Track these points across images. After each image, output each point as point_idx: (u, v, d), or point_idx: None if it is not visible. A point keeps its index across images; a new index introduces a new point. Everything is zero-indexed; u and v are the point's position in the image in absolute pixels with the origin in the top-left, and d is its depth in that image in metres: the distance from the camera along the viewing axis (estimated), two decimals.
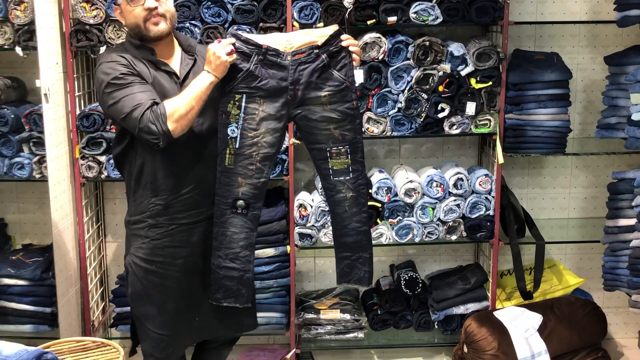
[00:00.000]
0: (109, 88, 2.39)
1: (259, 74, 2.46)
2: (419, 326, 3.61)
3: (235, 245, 2.57)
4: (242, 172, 2.52)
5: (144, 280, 2.57)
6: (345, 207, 2.61)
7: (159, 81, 2.48)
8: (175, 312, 2.61)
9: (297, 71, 2.47)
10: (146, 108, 2.33)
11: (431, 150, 3.79)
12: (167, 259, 2.56)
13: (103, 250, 3.79)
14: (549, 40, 3.67)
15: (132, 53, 2.48)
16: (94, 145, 3.38)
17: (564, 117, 3.43)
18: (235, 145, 2.50)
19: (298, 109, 2.51)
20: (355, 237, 2.65)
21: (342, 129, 2.53)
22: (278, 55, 2.46)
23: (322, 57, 2.47)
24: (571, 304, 3.44)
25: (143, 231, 2.56)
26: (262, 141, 2.50)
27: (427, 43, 3.27)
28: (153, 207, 2.53)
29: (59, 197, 3.30)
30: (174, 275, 2.58)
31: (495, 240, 3.50)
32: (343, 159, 2.56)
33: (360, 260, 2.68)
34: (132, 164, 2.54)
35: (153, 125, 2.32)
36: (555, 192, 3.86)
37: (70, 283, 3.43)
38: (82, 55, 3.46)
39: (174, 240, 2.56)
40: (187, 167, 2.53)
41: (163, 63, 2.51)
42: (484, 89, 3.35)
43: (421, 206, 3.44)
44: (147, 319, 2.61)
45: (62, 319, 3.30)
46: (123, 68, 2.41)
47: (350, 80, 2.51)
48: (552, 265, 3.77)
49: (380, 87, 3.33)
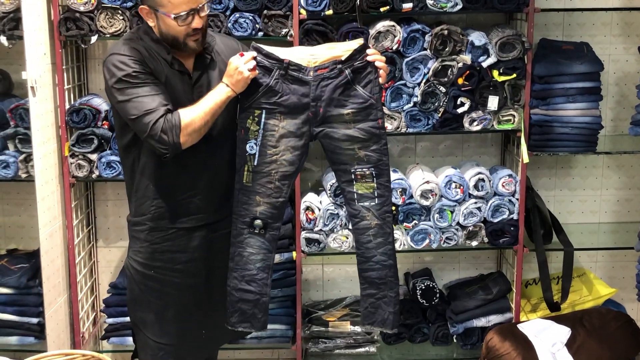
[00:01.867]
0: (120, 84, 2.42)
1: (280, 90, 2.51)
2: (436, 340, 3.61)
3: (252, 267, 2.63)
4: (261, 190, 2.58)
5: (142, 286, 2.62)
6: (370, 236, 2.64)
7: (171, 81, 2.51)
8: (176, 320, 2.64)
9: (320, 87, 2.52)
10: (160, 116, 2.38)
11: (450, 148, 3.79)
12: (167, 264, 2.61)
13: (94, 256, 3.79)
14: (578, 29, 3.66)
15: (147, 46, 2.50)
16: (85, 143, 3.38)
17: (594, 113, 3.42)
18: (254, 163, 2.56)
19: (320, 127, 2.56)
20: (380, 272, 2.67)
21: (367, 149, 2.57)
22: (300, 70, 2.51)
23: (346, 72, 2.51)
24: (602, 316, 3.43)
25: (143, 234, 2.60)
26: (282, 159, 2.56)
27: (446, 32, 3.26)
28: (155, 210, 2.57)
29: (47, 198, 3.31)
30: (174, 282, 2.62)
31: (520, 247, 3.49)
32: (368, 183, 2.59)
33: (385, 299, 2.69)
34: (135, 162, 2.57)
35: (165, 135, 2.37)
36: (585, 194, 3.86)
37: (59, 291, 3.43)
38: (72, 45, 3.46)
39: (173, 245, 2.60)
40: (194, 172, 2.57)
41: (178, 62, 2.53)
42: (508, 82, 3.34)
43: (439, 209, 3.44)
44: (145, 326, 2.65)
45: (50, 331, 3.30)
46: (137, 65, 2.44)
47: (375, 97, 2.54)
48: (581, 274, 3.76)
49: (395, 80, 3.32)
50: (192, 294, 2.66)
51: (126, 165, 2.64)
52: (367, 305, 2.72)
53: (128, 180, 2.65)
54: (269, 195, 2.58)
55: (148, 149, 2.50)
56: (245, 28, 3.27)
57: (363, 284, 2.71)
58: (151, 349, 2.65)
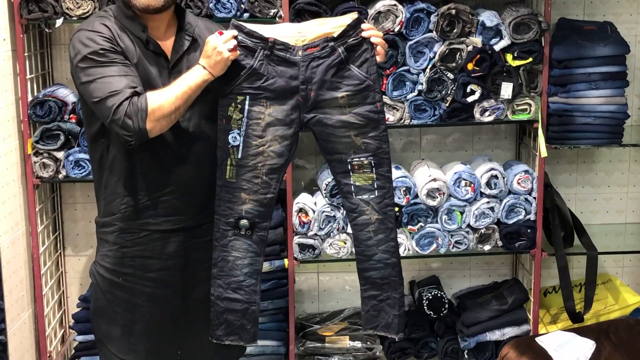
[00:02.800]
0: (85, 62, 2.37)
1: (265, 72, 2.47)
2: (445, 355, 3.60)
3: (238, 273, 2.59)
4: (246, 186, 2.54)
5: (108, 295, 2.58)
6: (370, 232, 2.61)
7: (144, 63, 2.47)
8: (146, 336, 2.60)
9: (310, 68, 2.47)
10: (124, 98, 2.33)
11: (459, 141, 3.80)
12: (137, 271, 2.57)
13: (62, 265, 3.78)
14: (601, 6, 3.68)
15: (119, 24, 2.48)
16: (50, 139, 3.34)
17: (620, 101, 3.42)
18: (238, 156, 2.52)
19: (311, 113, 2.51)
20: (382, 272, 2.64)
21: (364, 136, 2.53)
22: (287, 50, 2.47)
23: (339, 50, 2.46)
24: (630, 327, 3.40)
25: (112, 236, 2.56)
26: (269, 150, 2.52)
27: (454, 12, 3.24)
28: (125, 209, 2.53)
29: (8, 201, 3.27)
30: (145, 291, 2.58)
31: (538, 251, 3.48)
32: (367, 173, 2.56)
33: (388, 302, 2.67)
34: (104, 155, 2.53)
35: (129, 120, 2.32)
36: (610, 191, 3.86)
37: (22, 306, 3.40)
38: (35, 29, 3.43)
39: (145, 250, 2.56)
40: (168, 166, 2.53)
41: (154, 43, 2.49)
42: (523, 67, 3.33)
43: (447, 210, 3.42)
44: (109, 341, 2.62)
45: (13, 350, 3.26)
46: (105, 42, 2.39)
47: (372, 78, 2.50)
48: (606, 280, 3.77)
49: (397, 66, 3.31)
50: (165, 307, 2.61)
51: (94, 159, 2.59)
52: (369, 309, 2.69)
53: (96, 176, 2.60)
54: (256, 192, 2.54)
55: (117, 140, 2.45)
56: (229, 8, 3.23)
57: (364, 285, 2.68)
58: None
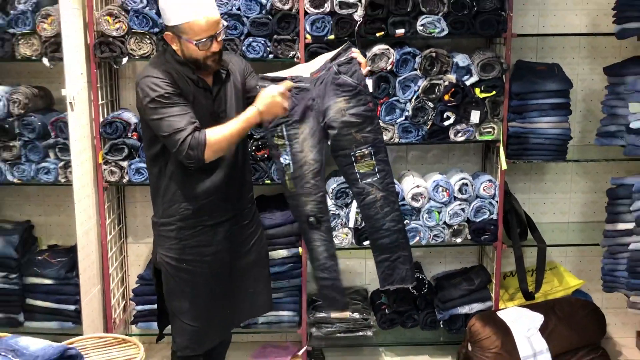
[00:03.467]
0: (154, 104, 2.43)
1: (290, 103, 2.51)
2: (425, 325, 3.60)
3: (321, 257, 2.64)
4: (303, 192, 2.59)
5: (176, 278, 2.64)
6: (377, 208, 2.62)
7: (197, 97, 2.53)
8: (206, 305, 2.67)
9: (317, 87, 2.53)
10: (187, 134, 2.39)
11: (437, 156, 3.78)
12: (196, 257, 2.63)
13: (124, 251, 3.79)
14: (550, 51, 3.66)
15: (174, 68, 2.51)
16: (116, 151, 3.38)
17: (564, 126, 3.41)
18: (291, 171, 2.58)
19: (324, 120, 2.55)
20: (392, 237, 2.65)
21: (363, 131, 2.55)
22: (302, 81, 2.52)
23: (334, 67, 2.52)
24: (571, 304, 3.43)
25: (173, 233, 2.62)
26: (309, 160, 2.57)
27: (434, 54, 3.27)
28: (183, 212, 2.59)
29: (83, 200, 3.31)
30: (203, 272, 2.65)
31: (499, 243, 3.49)
32: (368, 161, 2.58)
33: (400, 259, 2.68)
34: (162, 171, 2.59)
35: (192, 151, 2.40)
36: (556, 197, 3.84)
37: (93, 282, 3.43)
38: (106, 65, 3.47)
39: (200, 240, 2.63)
40: (210, 175, 2.59)
41: (202, 81, 2.54)
42: (488, 98, 3.33)
43: (427, 210, 3.43)
44: (182, 313, 2.66)
45: (85, 317, 3.31)
46: (168, 87, 2.45)
47: (362, 84, 2.53)
48: (553, 267, 3.76)
49: (389, 96, 3.33)
50: (218, 281, 2.69)
51: (153, 172, 2.65)
52: (384, 269, 2.69)
53: (154, 185, 2.66)
54: (310, 194, 2.58)
55: (174, 159, 2.52)
56: (258, 51, 3.27)
57: (376, 252, 2.69)
58: (188, 334, 2.67)
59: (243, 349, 3.71)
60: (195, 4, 2.42)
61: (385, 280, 2.70)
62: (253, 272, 2.80)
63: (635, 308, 3.28)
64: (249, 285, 2.77)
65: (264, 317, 3.48)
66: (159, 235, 2.67)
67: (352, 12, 3.22)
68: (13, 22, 3.23)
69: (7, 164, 3.38)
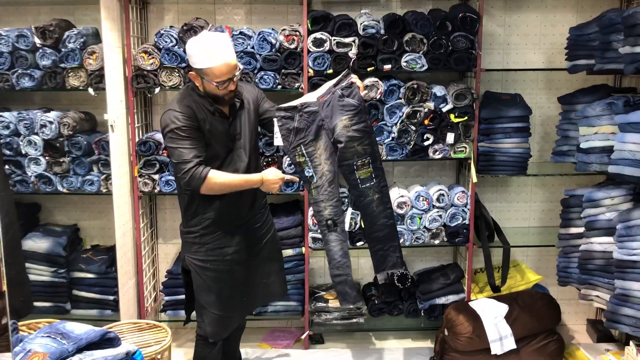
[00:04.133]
0: (171, 134, 2.44)
1: (304, 126, 2.53)
2: (408, 313, 3.59)
3: (337, 256, 2.62)
4: (322, 198, 2.59)
5: (203, 276, 2.62)
6: (373, 207, 2.63)
7: (213, 125, 2.51)
8: (229, 295, 2.66)
9: (324, 109, 2.52)
10: (190, 167, 2.39)
11: (418, 171, 3.77)
12: (218, 257, 2.61)
13: (155, 250, 3.79)
14: (513, 83, 3.66)
15: (195, 101, 2.50)
16: (149, 166, 3.39)
17: (525, 146, 3.42)
18: (314, 181, 2.58)
19: (333, 136, 2.55)
20: (385, 231, 2.67)
21: (363, 144, 2.55)
22: (310, 106, 2.52)
23: (337, 91, 2.51)
24: (532, 296, 3.41)
25: (197, 239, 2.60)
26: (325, 171, 2.57)
27: (415, 86, 3.28)
28: (205, 222, 2.59)
29: (121, 207, 3.31)
30: (225, 269, 2.63)
31: (470, 244, 3.48)
32: (367, 169, 2.58)
33: (390, 249, 2.70)
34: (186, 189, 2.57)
35: (192, 181, 2.41)
36: (519, 205, 3.83)
37: (129, 276, 3.42)
38: (141, 94, 3.48)
39: (221, 243, 2.61)
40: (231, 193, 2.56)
41: (219, 111, 2.53)
42: (461, 123, 3.34)
43: (410, 216, 3.42)
44: (211, 306, 2.64)
45: (122, 305, 3.31)
46: (186, 121, 2.44)
47: (362, 104, 2.53)
48: (516, 264, 3.76)
49: (378, 121, 3.33)
50: (238, 276, 2.67)
51: (179, 190, 2.64)
52: (378, 258, 2.70)
53: (181, 200, 2.65)
54: (328, 200, 2.58)
55: None
56: (268, 82, 3.28)
57: (371, 243, 2.69)
58: (216, 321, 2.65)
59: (255, 333, 3.70)
60: (217, 52, 2.39)
61: (378, 267, 2.72)
62: (266, 267, 2.78)
63: (585, 299, 3.26)
64: (263, 277, 2.75)
65: (272, 305, 3.48)
66: (185, 241, 2.65)
67: (347, 51, 3.23)
68: (64, 58, 3.25)
69: (58, 177, 3.38)
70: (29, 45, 3.24)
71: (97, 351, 2.16)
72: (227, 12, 3.53)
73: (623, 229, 2.86)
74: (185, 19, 3.43)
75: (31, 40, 3.23)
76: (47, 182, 3.38)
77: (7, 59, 3.26)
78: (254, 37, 3.25)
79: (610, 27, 3.01)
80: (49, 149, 3.33)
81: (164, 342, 2.74)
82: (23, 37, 3.24)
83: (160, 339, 2.78)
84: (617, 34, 2.96)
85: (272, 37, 3.24)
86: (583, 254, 3.18)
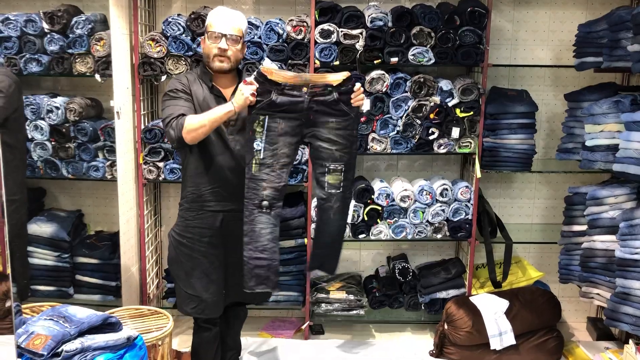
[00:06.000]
0: (165, 97, 2.55)
1: (279, 101, 2.41)
2: (409, 307, 3.59)
3: (263, 239, 2.50)
4: (266, 178, 2.47)
5: (177, 249, 2.66)
6: (330, 214, 2.56)
7: (207, 101, 2.55)
8: (201, 278, 2.63)
9: (312, 101, 2.43)
10: (172, 118, 2.45)
11: (422, 165, 3.77)
12: (195, 236, 2.62)
13: (159, 237, 3.79)
14: (520, 80, 3.65)
15: (198, 74, 2.61)
16: (154, 154, 3.39)
17: (530, 142, 3.41)
18: (260, 157, 2.45)
19: (310, 129, 2.47)
20: (332, 239, 2.63)
21: (342, 151, 2.48)
22: (294, 89, 2.42)
23: (334, 93, 2.44)
24: (532, 292, 3.41)
25: (181, 212, 2.65)
26: (281, 152, 2.46)
27: (422, 79, 3.27)
28: (189, 195, 2.62)
29: (125, 194, 3.32)
30: (200, 249, 2.63)
31: (472, 240, 3.48)
32: (337, 176, 2.51)
33: (330, 256, 2.67)
34: (185, 162, 2.64)
35: (172, 131, 2.45)
36: (522, 202, 3.83)
37: (132, 263, 3.44)
38: (147, 82, 3.48)
39: (201, 223, 2.62)
40: (218, 169, 2.58)
41: (216, 89, 2.57)
42: (467, 118, 3.33)
43: (413, 210, 3.42)
44: (178, 279, 2.69)
45: (125, 291, 3.32)
46: (180, 85, 2.54)
47: (354, 114, 2.47)
48: (518, 261, 3.75)
49: (383, 114, 3.33)
50: (213, 261, 2.65)
51: (182, 162, 2.68)
52: (315, 258, 2.68)
53: (182, 172, 2.71)
54: (272, 181, 2.47)
55: (191, 153, 2.57)
56: None
57: (316, 243, 2.65)
58: (181, 297, 2.70)
59: (256, 323, 3.71)
60: (225, 10, 2.56)
61: (312, 266, 2.69)
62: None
63: (586, 297, 3.26)
64: (240, 279, 2.63)
65: (273, 295, 3.48)
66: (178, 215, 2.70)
67: (354, 43, 3.23)
68: (71, 44, 3.26)
69: (63, 162, 3.40)
70: (37, 30, 3.25)
71: (98, 335, 2.18)
72: (235, 2, 3.53)
73: (626, 227, 2.86)
74: (193, 7, 3.43)
75: (39, 25, 3.24)
76: (53, 167, 3.39)
77: (15, 43, 3.27)
78: (261, 27, 3.25)
79: (619, 25, 2.99)
80: (55, 135, 3.34)
81: (165, 329, 2.75)
82: (31, 22, 3.25)
83: (162, 326, 2.80)
84: (626, 31, 2.95)
85: (279, 27, 3.24)
86: (585, 251, 3.18)
